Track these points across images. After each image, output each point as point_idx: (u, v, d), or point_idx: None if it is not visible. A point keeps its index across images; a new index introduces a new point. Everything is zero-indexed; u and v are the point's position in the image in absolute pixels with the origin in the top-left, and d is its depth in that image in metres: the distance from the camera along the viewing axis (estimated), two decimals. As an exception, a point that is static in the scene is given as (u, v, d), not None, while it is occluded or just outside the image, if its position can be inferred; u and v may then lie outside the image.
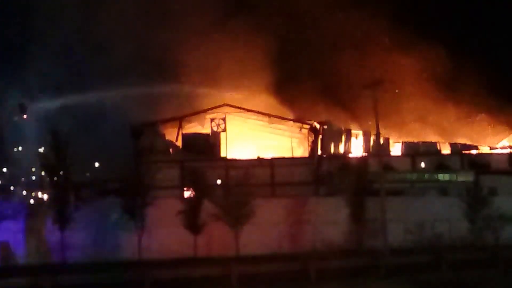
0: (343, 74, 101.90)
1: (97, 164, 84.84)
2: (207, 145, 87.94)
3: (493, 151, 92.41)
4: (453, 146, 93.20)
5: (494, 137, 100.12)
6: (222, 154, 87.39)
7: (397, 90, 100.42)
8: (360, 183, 70.43)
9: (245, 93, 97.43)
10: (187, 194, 69.05)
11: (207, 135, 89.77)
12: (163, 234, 66.26)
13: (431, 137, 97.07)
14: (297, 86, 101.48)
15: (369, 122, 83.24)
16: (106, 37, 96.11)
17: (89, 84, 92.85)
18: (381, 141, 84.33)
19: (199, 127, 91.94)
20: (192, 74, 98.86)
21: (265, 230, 67.25)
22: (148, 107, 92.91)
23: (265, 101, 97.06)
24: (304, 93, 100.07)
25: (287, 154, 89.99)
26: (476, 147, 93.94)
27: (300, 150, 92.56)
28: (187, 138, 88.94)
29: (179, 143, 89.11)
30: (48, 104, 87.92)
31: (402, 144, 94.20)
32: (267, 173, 79.65)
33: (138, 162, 73.12)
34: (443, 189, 78.44)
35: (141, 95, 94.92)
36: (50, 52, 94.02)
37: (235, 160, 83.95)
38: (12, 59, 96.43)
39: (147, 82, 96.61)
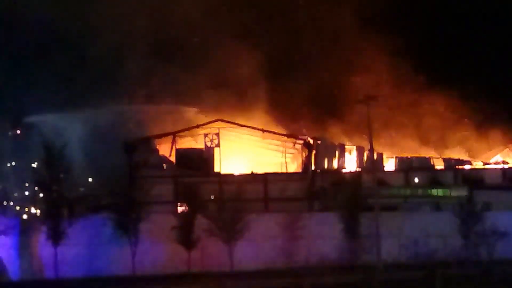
0: (337, 90, 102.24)
1: (90, 180, 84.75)
2: (201, 160, 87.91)
3: (487, 166, 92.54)
4: (446, 161, 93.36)
5: (487, 153, 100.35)
6: (216, 169, 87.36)
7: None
8: (354, 199, 70.50)
9: (240, 109, 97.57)
10: (180, 209, 69.07)
11: (201, 150, 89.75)
12: (157, 249, 66.25)
13: (425, 152, 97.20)
14: (291, 102, 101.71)
15: (364, 136, 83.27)
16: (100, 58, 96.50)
17: (83, 100, 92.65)
18: (375, 156, 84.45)
19: (193, 142, 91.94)
20: (185, 92, 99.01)
21: (259, 245, 67.34)
22: (141, 123, 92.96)
23: (259, 116, 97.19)
24: (298, 109, 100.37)
25: (281, 170, 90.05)
26: (469, 162, 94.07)
27: (294, 165, 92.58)
28: (180, 153, 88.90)
29: (172, 158, 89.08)
30: (42, 120, 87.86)
31: (396, 159, 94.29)
32: (261, 188, 79.65)
33: (132, 177, 73.14)
34: (437, 205, 78.39)
35: (135, 111, 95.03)
36: (47, 69, 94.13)
37: (229, 175, 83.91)
38: (8, 74, 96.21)
39: (141, 98, 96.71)
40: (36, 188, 69.65)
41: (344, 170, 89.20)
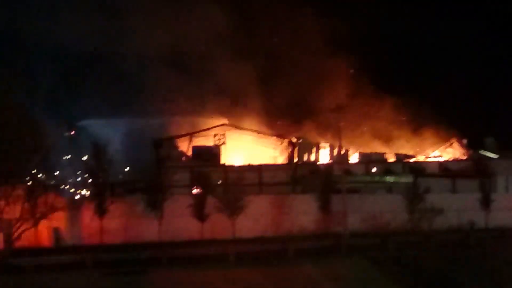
0: (314, 100, 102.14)
1: (127, 169, 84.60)
2: (211, 154, 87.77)
3: (427, 160, 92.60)
4: (397, 155, 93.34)
5: (428, 149, 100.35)
6: (222, 162, 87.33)
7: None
8: (327, 184, 70.63)
9: (241, 113, 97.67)
10: (195, 191, 69.07)
11: (211, 147, 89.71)
12: (177, 222, 66.15)
13: (381, 149, 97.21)
14: (278, 109, 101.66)
15: (331, 135, 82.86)
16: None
17: (123, 109, 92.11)
18: (342, 152, 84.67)
19: (205, 141, 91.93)
20: (200, 102, 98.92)
21: (255, 219, 67.29)
22: (166, 127, 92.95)
23: (254, 120, 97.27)
24: (284, 115, 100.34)
25: (271, 162, 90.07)
26: (414, 156, 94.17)
27: (281, 158, 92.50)
28: (195, 149, 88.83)
29: (189, 153, 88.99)
30: (90, 124, 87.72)
31: (359, 154, 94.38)
32: (256, 176, 79.50)
33: (159, 167, 73.19)
34: (389, 188, 78.39)
35: (162, 119, 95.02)
36: (94, 84, 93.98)
37: (232, 166, 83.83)
38: (65, 87, 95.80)
39: (166, 108, 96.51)
40: (86, 175, 69.51)
41: (319, 162, 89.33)
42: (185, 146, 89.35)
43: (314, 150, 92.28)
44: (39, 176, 69.90)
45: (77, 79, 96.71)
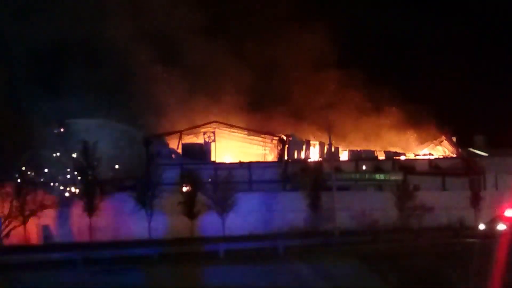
0: (303, 99, 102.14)
1: (117, 166, 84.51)
2: (201, 152, 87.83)
3: (417, 157, 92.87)
4: (387, 153, 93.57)
5: (418, 147, 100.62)
6: (212, 159, 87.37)
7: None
8: (317, 181, 70.98)
9: (231, 111, 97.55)
10: (185, 189, 69.14)
11: (201, 144, 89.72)
12: (167, 219, 66.34)
13: (371, 146, 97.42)
14: (270, 107, 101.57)
15: (325, 134, 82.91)
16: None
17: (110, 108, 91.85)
18: (333, 149, 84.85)
19: (195, 138, 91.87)
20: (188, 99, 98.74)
21: (244, 217, 67.54)
22: (156, 123, 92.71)
23: (244, 118, 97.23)
24: (275, 112, 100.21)
25: (261, 159, 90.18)
26: (404, 154, 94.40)
27: (271, 156, 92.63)
28: (185, 146, 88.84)
29: (179, 150, 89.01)
30: (79, 122, 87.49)
31: (349, 151, 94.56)
32: (246, 173, 79.65)
33: (148, 164, 73.20)
34: (379, 186, 78.83)
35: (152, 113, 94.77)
36: (83, 84, 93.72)
37: (222, 163, 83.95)
38: (55, 86, 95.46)
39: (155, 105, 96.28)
40: (75, 173, 69.51)
41: (309, 160, 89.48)
42: (175, 144, 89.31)
43: (304, 147, 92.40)
44: (28, 173, 69.88)
45: (66, 76, 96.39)
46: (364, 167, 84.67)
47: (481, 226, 62.98)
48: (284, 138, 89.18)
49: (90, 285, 39.30)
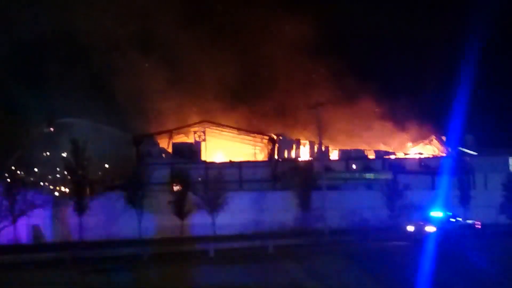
0: (293, 98, 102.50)
1: (107, 165, 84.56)
2: (191, 151, 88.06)
3: (407, 156, 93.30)
4: (377, 152, 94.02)
5: (408, 146, 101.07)
6: (203, 158, 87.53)
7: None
8: (307, 180, 71.12)
9: (221, 111, 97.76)
10: (175, 188, 69.22)
11: (191, 143, 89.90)
12: (157, 219, 66.36)
13: (361, 146, 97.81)
14: (260, 106, 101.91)
15: (315, 133, 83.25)
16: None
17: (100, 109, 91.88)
18: (323, 148, 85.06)
19: (185, 137, 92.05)
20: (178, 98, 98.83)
21: (235, 216, 67.60)
22: (146, 121, 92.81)
23: (234, 117, 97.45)
24: (266, 111, 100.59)
25: (252, 158, 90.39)
26: (394, 153, 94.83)
27: (262, 155, 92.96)
28: (175, 146, 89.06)
29: (169, 149, 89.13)
30: (69, 121, 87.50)
31: (339, 151, 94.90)
32: (237, 172, 79.93)
33: (138, 164, 73.22)
34: (369, 185, 79.09)
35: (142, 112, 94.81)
36: (74, 84, 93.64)
37: (212, 162, 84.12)
38: (46, 85, 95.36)
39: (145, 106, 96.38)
40: (65, 172, 69.46)
41: (299, 159, 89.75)
42: (165, 143, 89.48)
43: (294, 147, 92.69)
44: (18, 173, 69.73)
45: (57, 75, 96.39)
46: (354, 166, 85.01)
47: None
48: (274, 137, 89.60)
49: (80, 285, 39.23)
